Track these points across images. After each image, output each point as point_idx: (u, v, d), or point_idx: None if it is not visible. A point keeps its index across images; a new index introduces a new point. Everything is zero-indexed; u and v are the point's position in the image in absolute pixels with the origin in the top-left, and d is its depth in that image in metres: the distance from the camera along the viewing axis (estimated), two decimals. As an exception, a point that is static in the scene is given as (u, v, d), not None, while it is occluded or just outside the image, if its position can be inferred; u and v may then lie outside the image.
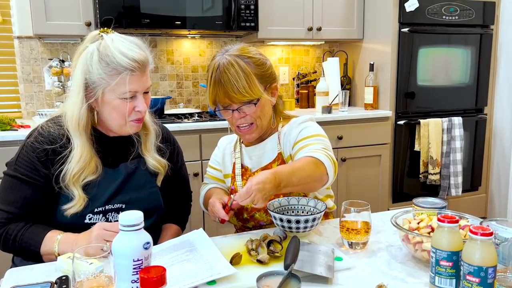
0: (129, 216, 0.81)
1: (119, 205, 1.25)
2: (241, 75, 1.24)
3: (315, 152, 1.22)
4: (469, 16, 3.01)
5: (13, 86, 2.74)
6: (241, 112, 1.29)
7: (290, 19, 2.93)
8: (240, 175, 1.40)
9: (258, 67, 1.29)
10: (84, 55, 1.17)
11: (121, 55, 1.14)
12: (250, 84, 1.25)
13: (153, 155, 1.32)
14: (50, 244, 1.14)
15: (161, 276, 0.73)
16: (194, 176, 2.44)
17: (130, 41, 1.20)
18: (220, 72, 1.25)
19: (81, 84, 1.17)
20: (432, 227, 1.05)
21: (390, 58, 2.91)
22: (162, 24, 2.57)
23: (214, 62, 1.28)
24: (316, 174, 1.18)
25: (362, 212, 1.15)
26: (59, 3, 2.44)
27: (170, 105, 3.04)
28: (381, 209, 2.71)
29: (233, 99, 1.26)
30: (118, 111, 1.18)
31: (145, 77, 1.20)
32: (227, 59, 1.26)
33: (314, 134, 1.32)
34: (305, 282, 0.94)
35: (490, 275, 0.81)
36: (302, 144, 1.29)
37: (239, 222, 1.40)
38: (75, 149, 1.18)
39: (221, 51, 1.31)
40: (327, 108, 2.87)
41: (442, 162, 2.99)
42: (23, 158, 1.19)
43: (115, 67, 1.14)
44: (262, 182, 1.07)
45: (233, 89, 1.24)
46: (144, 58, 1.18)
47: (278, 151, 1.37)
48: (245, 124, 1.32)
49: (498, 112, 3.27)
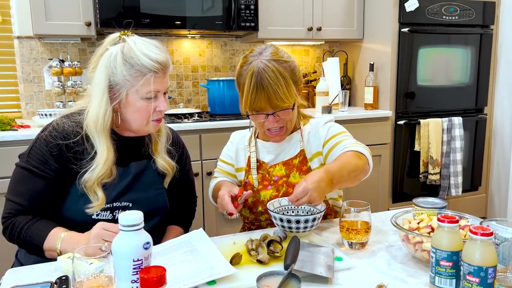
0: (129, 216, 0.81)
1: (126, 204, 1.26)
2: (281, 81, 1.26)
3: (353, 146, 1.29)
4: (469, 16, 3.01)
5: (13, 86, 2.74)
6: (276, 116, 1.31)
7: (290, 19, 2.93)
8: (255, 168, 1.42)
9: (293, 71, 1.31)
10: (107, 57, 1.19)
11: (145, 57, 1.17)
12: (289, 90, 1.28)
13: (163, 156, 1.33)
14: (53, 241, 1.14)
15: (161, 276, 0.73)
16: (194, 176, 2.44)
17: (152, 43, 1.22)
18: (262, 78, 1.25)
19: (105, 86, 1.19)
20: (432, 227, 1.05)
21: (390, 58, 2.91)
22: (162, 24, 2.57)
23: (251, 67, 1.27)
24: (362, 164, 1.26)
25: (362, 212, 1.16)
26: (59, 3, 2.44)
27: (170, 105, 3.04)
28: (381, 209, 2.71)
29: (274, 105, 1.27)
30: (141, 111, 1.21)
31: (166, 78, 1.23)
32: (266, 64, 1.26)
33: (342, 131, 1.40)
34: (305, 282, 0.94)
35: (490, 275, 0.81)
36: (336, 141, 1.35)
37: (251, 215, 1.42)
38: (101, 152, 1.20)
39: (254, 55, 1.30)
40: (327, 108, 2.87)
41: (442, 162, 2.99)
42: (35, 151, 1.21)
43: (139, 68, 1.17)
44: (317, 180, 1.12)
45: (276, 96, 1.25)
46: (166, 60, 1.21)
47: (300, 148, 1.40)
48: (277, 127, 1.34)
49: (498, 112, 3.27)
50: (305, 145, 1.40)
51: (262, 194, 1.38)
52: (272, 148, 1.43)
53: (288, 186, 1.37)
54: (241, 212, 1.44)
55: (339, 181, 1.19)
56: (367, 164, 1.28)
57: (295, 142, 1.42)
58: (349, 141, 1.33)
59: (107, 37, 1.24)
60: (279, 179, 1.39)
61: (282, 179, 1.38)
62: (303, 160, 1.39)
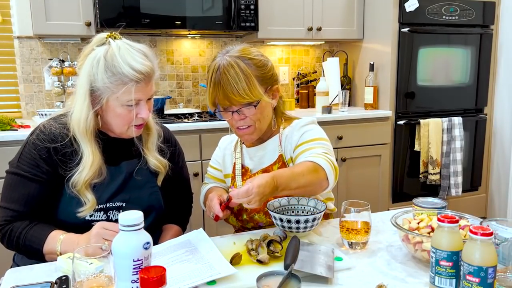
0: (129, 216, 0.81)
1: (120, 203, 1.26)
2: (241, 76, 1.24)
3: (316, 157, 1.22)
4: (469, 16, 3.01)
5: (13, 86, 2.74)
6: (240, 114, 1.29)
7: (290, 19, 2.93)
8: (240, 175, 1.40)
9: (259, 68, 1.29)
10: (90, 60, 1.17)
11: (127, 66, 1.14)
12: (250, 86, 1.25)
13: (154, 154, 1.33)
14: (53, 243, 1.14)
15: (161, 276, 0.73)
16: (194, 176, 2.44)
17: (137, 50, 1.19)
18: (220, 74, 1.25)
19: (86, 90, 1.17)
20: (432, 227, 1.05)
21: (390, 58, 2.91)
22: (162, 24, 2.57)
23: (214, 63, 1.28)
24: (316, 179, 1.19)
25: (362, 212, 1.15)
26: (59, 3, 2.44)
27: (170, 105, 3.04)
28: (381, 209, 2.71)
29: (233, 101, 1.26)
30: (122, 117, 1.20)
31: (150, 86, 1.21)
32: (227, 60, 1.25)
33: (316, 137, 1.31)
34: (305, 282, 0.94)
35: (490, 275, 0.81)
36: (303, 148, 1.29)
37: (238, 222, 1.40)
38: (87, 155, 1.19)
39: (221, 52, 1.31)
40: (327, 108, 2.87)
41: (442, 162, 2.99)
42: (25, 156, 1.21)
43: (120, 77, 1.14)
44: (262, 185, 1.08)
45: (233, 91, 1.24)
46: (150, 70, 1.18)
47: (279, 153, 1.36)
48: (244, 126, 1.32)
49: (498, 112, 3.27)
50: (283, 149, 1.37)
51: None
52: (254, 154, 1.41)
53: None
54: (229, 221, 1.41)
55: (284, 190, 1.15)
56: (325, 179, 1.20)
57: (274, 147, 1.38)
58: (316, 151, 1.25)
59: (95, 36, 1.21)
60: None
61: None
62: (282, 166, 1.35)
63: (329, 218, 1.46)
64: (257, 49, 1.34)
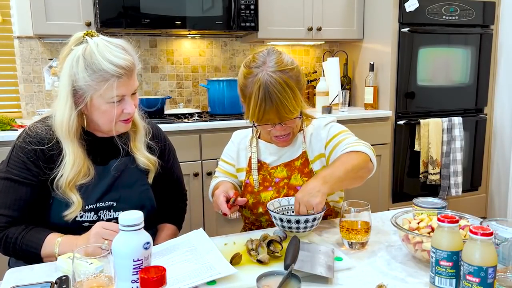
0: (129, 216, 0.81)
1: (111, 203, 1.25)
2: (289, 93, 1.25)
3: (353, 145, 1.29)
4: (469, 16, 3.01)
5: (13, 86, 2.74)
6: (284, 125, 1.31)
7: (290, 19, 2.93)
8: (256, 169, 1.42)
9: (297, 78, 1.30)
10: (70, 60, 1.16)
11: (107, 62, 1.13)
12: (297, 101, 1.28)
13: (143, 152, 1.31)
14: (51, 247, 1.14)
15: (161, 276, 0.73)
16: (194, 176, 2.44)
17: (116, 45, 1.17)
18: (270, 93, 1.23)
19: (68, 90, 1.16)
20: (432, 227, 1.05)
21: (390, 58, 2.91)
22: (162, 24, 2.57)
23: (257, 79, 1.25)
24: (362, 163, 1.26)
25: (362, 212, 1.16)
26: (59, 3, 2.44)
27: (170, 105, 3.04)
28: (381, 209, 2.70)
29: (284, 119, 1.28)
30: (107, 114, 1.19)
31: (132, 80, 1.19)
32: (272, 76, 1.24)
33: (343, 130, 1.40)
34: (305, 282, 0.94)
35: (490, 275, 0.81)
36: (337, 141, 1.35)
37: (252, 215, 1.41)
38: (68, 155, 1.18)
39: (257, 65, 1.27)
40: (327, 108, 2.87)
41: (442, 162, 2.99)
42: (14, 160, 1.20)
43: (101, 74, 1.13)
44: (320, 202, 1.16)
45: (284, 109, 1.25)
46: (131, 63, 1.17)
47: (302, 150, 1.40)
48: (284, 134, 1.35)
49: (498, 112, 3.27)
50: (307, 147, 1.40)
51: (263, 196, 1.38)
52: (274, 150, 1.43)
53: (289, 188, 1.36)
54: (242, 213, 1.44)
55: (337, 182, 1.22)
56: (369, 162, 1.28)
57: (298, 144, 1.41)
58: (350, 140, 1.33)
59: (72, 36, 1.20)
60: (280, 181, 1.38)
61: (283, 180, 1.38)
62: (305, 162, 1.38)
63: (329, 218, 1.46)
64: (286, 53, 1.33)
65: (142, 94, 2.99)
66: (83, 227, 1.21)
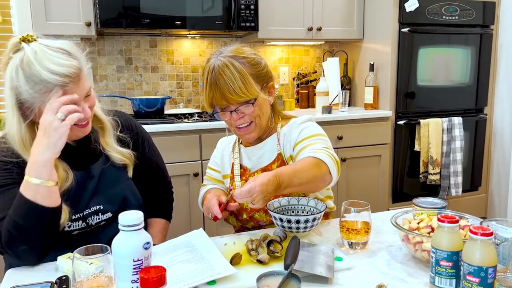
0: (129, 216, 0.81)
1: (97, 207, 1.22)
2: (236, 76, 1.24)
3: (317, 152, 1.21)
4: (469, 16, 3.01)
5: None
6: (239, 112, 1.29)
7: (290, 19, 2.93)
8: (239, 175, 1.40)
9: (253, 66, 1.29)
10: (9, 71, 1.07)
11: (47, 72, 1.04)
12: (246, 84, 1.25)
13: (115, 148, 1.26)
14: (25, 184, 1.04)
15: (161, 276, 0.73)
16: (194, 176, 2.44)
17: (56, 49, 1.08)
18: (216, 74, 1.25)
19: (13, 103, 1.08)
20: (432, 227, 1.05)
21: (390, 58, 2.91)
22: (162, 24, 2.57)
23: (208, 65, 1.29)
24: (319, 174, 1.17)
25: (362, 212, 1.15)
26: (59, 3, 2.44)
27: (170, 105, 3.04)
28: (381, 209, 2.71)
29: (230, 101, 1.26)
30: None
31: (81, 85, 1.10)
32: (222, 61, 1.26)
33: (315, 133, 1.31)
34: (305, 282, 0.94)
35: (490, 275, 0.81)
36: (304, 144, 1.28)
37: (238, 222, 1.40)
38: None
39: (215, 53, 1.31)
40: (327, 108, 2.87)
41: (442, 162, 2.99)
42: None
43: (44, 85, 1.04)
44: (265, 183, 1.06)
45: (229, 90, 1.24)
46: (75, 69, 1.08)
47: (278, 152, 1.36)
48: (244, 124, 1.32)
49: (498, 112, 3.27)
50: (282, 148, 1.37)
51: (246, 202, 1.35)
52: (252, 154, 1.41)
53: None
54: (228, 221, 1.41)
55: (287, 187, 1.12)
56: (328, 174, 1.19)
57: (273, 146, 1.38)
58: (316, 146, 1.25)
59: (9, 41, 1.09)
60: None
61: None
62: (281, 165, 1.34)
63: (329, 217, 1.46)
64: (250, 48, 1.35)
65: (142, 94, 2.99)
66: (73, 235, 1.18)
